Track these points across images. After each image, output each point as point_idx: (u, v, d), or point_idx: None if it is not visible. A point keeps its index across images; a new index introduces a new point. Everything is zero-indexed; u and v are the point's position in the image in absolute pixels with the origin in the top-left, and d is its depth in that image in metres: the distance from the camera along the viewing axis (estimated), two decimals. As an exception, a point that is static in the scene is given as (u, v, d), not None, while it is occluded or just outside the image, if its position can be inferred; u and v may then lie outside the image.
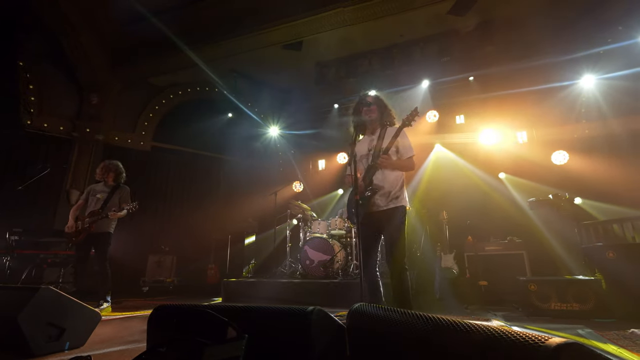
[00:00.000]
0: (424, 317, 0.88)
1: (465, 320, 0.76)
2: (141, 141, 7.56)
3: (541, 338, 0.56)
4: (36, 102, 6.49)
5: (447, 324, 0.77)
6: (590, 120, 5.85)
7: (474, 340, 0.67)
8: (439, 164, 6.77)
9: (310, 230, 5.53)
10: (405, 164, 2.63)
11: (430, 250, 5.20)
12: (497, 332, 0.64)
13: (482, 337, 0.66)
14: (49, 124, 6.62)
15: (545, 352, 0.53)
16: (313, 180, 7.83)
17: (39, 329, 2.13)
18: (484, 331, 0.67)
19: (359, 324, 1.12)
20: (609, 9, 5.29)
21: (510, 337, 0.61)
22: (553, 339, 0.55)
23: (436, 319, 0.82)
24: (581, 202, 5.32)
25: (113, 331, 2.93)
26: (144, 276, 6.51)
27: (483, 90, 6.30)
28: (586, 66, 5.66)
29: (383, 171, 2.58)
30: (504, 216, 5.55)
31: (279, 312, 1.01)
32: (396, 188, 2.58)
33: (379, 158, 2.53)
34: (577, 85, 5.84)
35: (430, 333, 0.79)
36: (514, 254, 4.78)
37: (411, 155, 2.64)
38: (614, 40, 5.35)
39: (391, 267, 2.51)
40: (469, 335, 0.69)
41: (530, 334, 0.60)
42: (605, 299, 3.19)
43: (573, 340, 0.55)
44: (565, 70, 5.73)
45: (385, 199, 2.56)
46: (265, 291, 4.76)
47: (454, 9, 5.54)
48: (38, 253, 5.14)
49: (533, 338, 0.57)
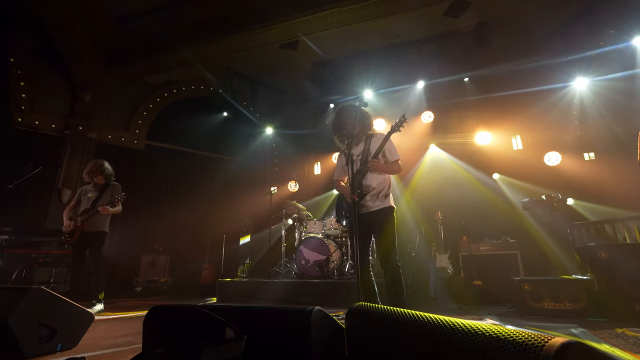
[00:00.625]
0: (424, 317, 0.87)
1: (466, 321, 0.75)
2: (135, 140, 7.48)
3: (544, 337, 0.56)
4: (27, 99, 6.39)
5: (449, 324, 0.76)
6: (582, 122, 5.93)
7: (475, 341, 0.66)
8: (434, 164, 6.81)
9: (305, 230, 5.52)
10: (393, 167, 2.74)
11: (425, 250, 5.22)
12: (500, 332, 0.64)
13: (484, 337, 0.65)
14: (41, 122, 6.51)
15: (549, 352, 0.53)
16: (308, 180, 7.82)
17: (30, 330, 2.09)
18: (486, 331, 0.66)
19: (358, 323, 1.11)
20: (601, 13, 5.36)
21: (513, 336, 0.61)
22: (556, 339, 0.55)
23: (437, 319, 0.82)
24: (573, 203, 5.39)
25: (106, 332, 2.90)
26: (137, 276, 6.44)
27: (478, 92, 6.35)
28: (579, 69, 5.73)
29: (372, 174, 2.68)
30: (498, 216, 5.61)
31: (278, 312, 1.01)
32: (384, 190, 2.71)
33: (367, 162, 2.64)
34: (570, 87, 5.92)
35: (431, 333, 0.79)
36: (508, 254, 4.82)
37: (397, 158, 2.76)
38: (606, 43, 5.43)
39: (384, 267, 2.59)
40: (471, 335, 0.68)
41: (532, 334, 0.59)
42: (597, 299, 3.23)
43: (576, 339, 0.55)
44: (558, 73, 5.80)
45: (374, 201, 2.67)
46: (260, 291, 4.74)
47: (449, 11, 5.58)
48: (29, 253, 5.06)
49: (536, 337, 0.57)
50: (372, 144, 2.74)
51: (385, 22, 5.89)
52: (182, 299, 5.56)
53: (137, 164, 7.27)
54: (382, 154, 2.70)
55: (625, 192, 4.83)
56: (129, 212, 4.22)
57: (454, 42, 6.25)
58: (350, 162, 2.31)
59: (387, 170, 2.72)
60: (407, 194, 6.46)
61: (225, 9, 6.13)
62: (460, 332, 0.72)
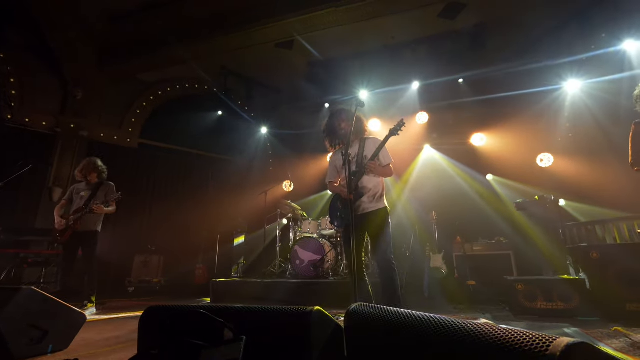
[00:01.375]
0: (425, 317, 0.87)
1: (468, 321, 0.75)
2: (128, 138, 7.39)
3: (549, 338, 0.56)
4: (17, 96, 6.27)
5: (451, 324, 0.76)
6: (574, 124, 6.01)
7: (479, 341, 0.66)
8: (428, 165, 6.85)
9: (300, 230, 5.51)
10: (386, 170, 2.79)
11: (419, 251, 5.24)
12: (504, 332, 0.64)
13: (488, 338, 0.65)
14: (31, 119, 6.40)
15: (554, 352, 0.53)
16: (303, 179, 7.80)
17: (20, 331, 2.05)
18: (490, 331, 0.66)
19: (357, 324, 1.11)
20: (593, 16, 5.44)
21: (518, 337, 0.60)
22: (562, 339, 0.55)
23: (438, 319, 0.82)
24: (564, 204, 5.46)
25: (99, 333, 2.85)
26: (129, 276, 6.36)
27: (472, 93, 6.40)
28: (570, 71, 5.81)
29: (367, 176, 2.73)
30: (491, 217, 5.66)
31: (278, 312, 1.00)
32: (380, 191, 2.77)
33: (363, 164, 2.68)
34: (562, 89, 5.99)
35: (434, 334, 0.79)
36: (501, 254, 4.87)
37: (389, 162, 2.81)
38: (598, 47, 5.51)
39: (380, 267, 2.61)
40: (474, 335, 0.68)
41: (537, 334, 0.59)
42: (589, 298, 3.28)
43: (581, 340, 0.55)
44: (551, 75, 5.87)
45: (370, 202, 2.71)
46: (254, 291, 4.71)
47: (444, 13, 5.61)
48: (18, 252, 4.96)
49: (541, 338, 0.57)
50: (367, 147, 2.79)
51: (381, 23, 5.90)
52: (175, 300, 5.50)
53: (130, 162, 7.18)
54: (377, 157, 2.74)
55: (617, 193, 4.91)
56: (122, 211, 4.16)
57: (448, 43, 6.29)
58: (347, 162, 2.30)
59: (382, 173, 2.77)
60: (402, 194, 6.49)
61: (220, 8, 6.09)
62: (463, 332, 0.72)
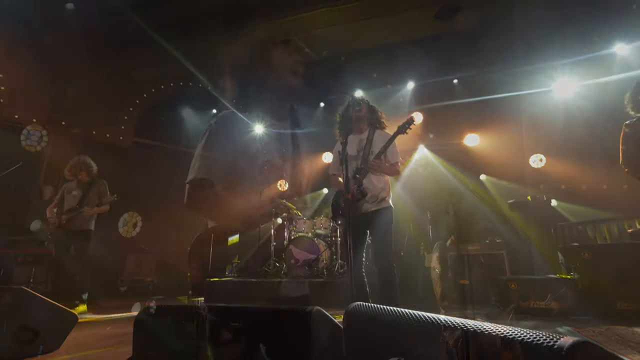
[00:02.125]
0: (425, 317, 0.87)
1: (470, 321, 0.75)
2: (120, 136, 7.30)
3: (554, 336, 0.56)
4: (6, 92, 6.14)
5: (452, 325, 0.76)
6: (567, 125, 6.08)
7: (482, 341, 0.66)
8: (423, 165, 6.89)
9: (295, 229, 5.50)
10: (393, 169, 2.73)
11: (413, 250, 5.26)
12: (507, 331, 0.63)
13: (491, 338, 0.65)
14: (21, 116, 6.28)
15: (559, 350, 0.53)
16: (298, 179, 7.78)
17: (9, 332, 2.00)
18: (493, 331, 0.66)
19: (356, 323, 1.10)
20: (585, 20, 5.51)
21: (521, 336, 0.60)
22: (567, 337, 0.55)
23: (439, 319, 0.82)
24: (556, 204, 5.53)
25: (91, 334, 2.81)
26: (122, 275, 6.29)
27: (467, 94, 6.45)
28: (563, 73, 5.88)
29: (373, 174, 2.65)
30: (485, 217, 5.70)
31: (277, 312, 0.99)
32: (385, 190, 2.69)
33: (369, 161, 2.61)
34: (555, 91, 6.06)
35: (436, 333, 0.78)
36: (495, 254, 4.91)
37: (397, 160, 2.74)
38: (589, 50, 5.59)
39: (380, 266, 2.58)
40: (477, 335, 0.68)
41: (541, 333, 0.59)
42: (581, 297, 3.32)
43: (585, 338, 0.55)
44: (544, 77, 5.94)
45: (374, 201, 2.65)
46: (248, 290, 4.69)
47: (440, 13, 5.64)
48: (7, 252, 4.86)
49: (545, 336, 0.57)
50: (375, 142, 2.69)
51: (376, 23, 5.91)
52: (168, 299, 5.45)
53: (122, 161, 7.09)
54: (384, 154, 2.68)
55: (608, 194, 4.98)
56: (114, 210, 4.10)
57: (443, 44, 6.32)
58: (345, 162, 2.29)
59: (387, 172, 2.70)
60: (396, 194, 6.51)
61: (215, 6, 6.04)
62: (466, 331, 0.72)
